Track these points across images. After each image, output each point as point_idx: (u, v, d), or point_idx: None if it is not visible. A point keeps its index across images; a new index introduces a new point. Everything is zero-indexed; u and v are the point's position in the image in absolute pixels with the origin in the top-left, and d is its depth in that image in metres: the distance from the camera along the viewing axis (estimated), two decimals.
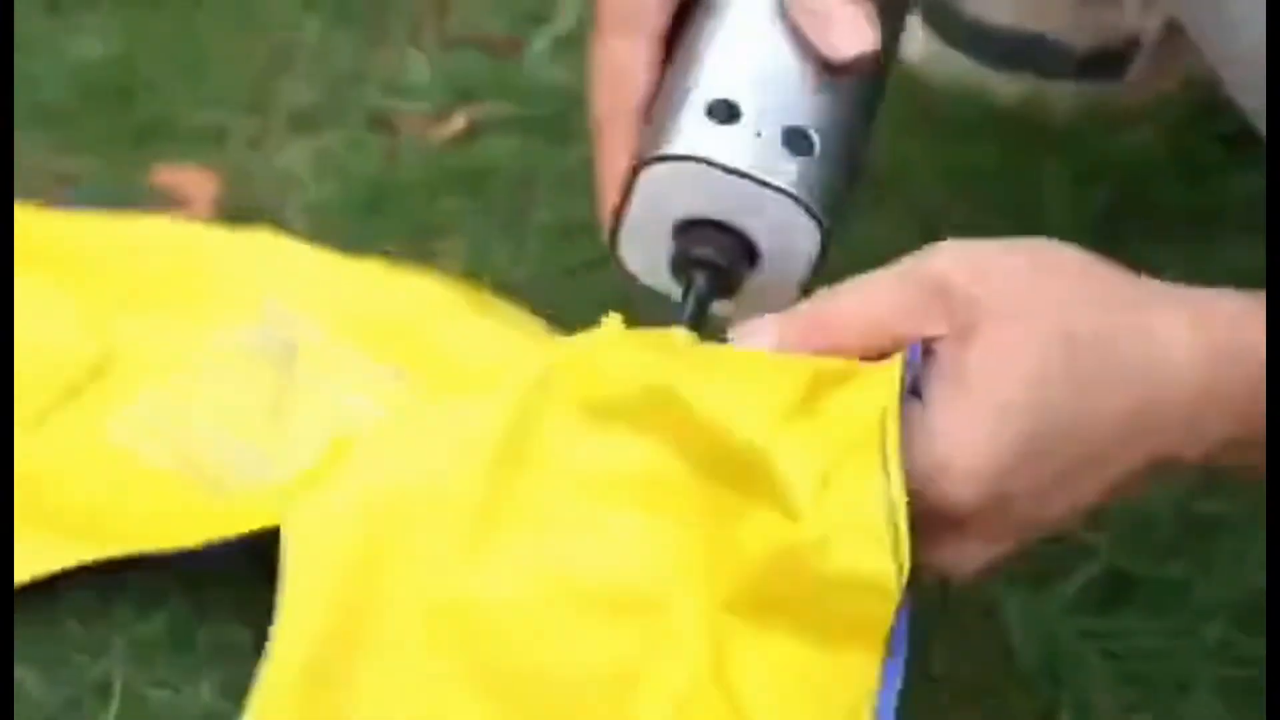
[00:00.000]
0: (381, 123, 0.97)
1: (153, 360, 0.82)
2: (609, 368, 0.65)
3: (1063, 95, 0.95)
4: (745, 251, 0.68)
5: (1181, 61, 0.95)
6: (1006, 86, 0.95)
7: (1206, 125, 0.94)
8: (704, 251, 0.67)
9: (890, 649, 0.61)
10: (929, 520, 0.62)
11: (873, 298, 0.63)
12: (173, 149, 0.94)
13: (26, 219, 0.87)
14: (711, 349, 0.67)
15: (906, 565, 0.60)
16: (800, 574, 0.62)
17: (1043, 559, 0.77)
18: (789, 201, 0.67)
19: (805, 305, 0.64)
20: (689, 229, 0.68)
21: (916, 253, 0.64)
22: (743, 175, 0.66)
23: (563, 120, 0.94)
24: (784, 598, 0.63)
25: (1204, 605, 0.76)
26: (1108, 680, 0.74)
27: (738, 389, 0.64)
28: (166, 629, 0.75)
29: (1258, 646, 0.75)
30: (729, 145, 0.67)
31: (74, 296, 0.84)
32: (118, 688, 0.73)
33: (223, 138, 0.96)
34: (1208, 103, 0.94)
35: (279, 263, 0.86)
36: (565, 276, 0.86)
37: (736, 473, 0.63)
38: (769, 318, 0.64)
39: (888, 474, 0.61)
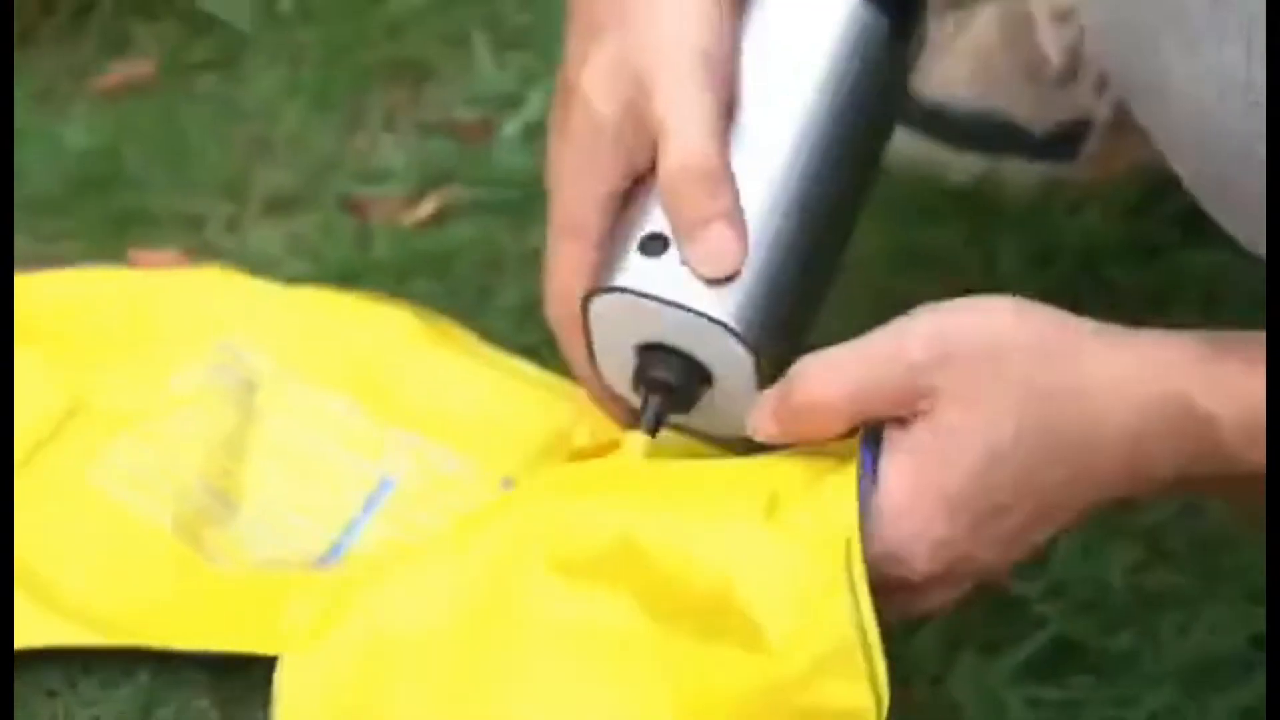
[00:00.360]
0: (354, 207, 0.99)
1: (118, 408, 0.84)
2: (574, 524, 0.68)
3: (1017, 175, 0.97)
4: (696, 371, 0.71)
5: (1134, 142, 0.96)
6: (962, 166, 0.97)
7: (1159, 205, 0.96)
8: (658, 373, 0.71)
9: None
10: (895, 587, 0.66)
11: (853, 389, 0.67)
12: (153, 234, 0.97)
13: None
14: (664, 471, 0.70)
15: (885, 696, 0.63)
16: (778, 709, 0.64)
17: (992, 627, 0.78)
18: (713, 325, 0.70)
19: (795, 396, 0.67)
20: (646, 351, 0.72)
21: (891, 327, 0.67)
22: (665, 302, 0.70)
23: (528, 203, 0.96)
24: None
25: (1151, 674, 0.77)
26: None
27: (695, 525, 0.67)
28: (132, 704, 0.76)
29: (1204, 713, 0.76)
30: (653, 275, 0.70)
31: (41, 358, 0.85)
32: None
33: (200, 223, 0.98)
34: (1160, 183, 0.96)
35: (232, 300, 0.88)
36: (528, 354, 0.88)
37: (703, 616, 0.66)
38: (764, 413, 0.68)
39: (857, 603, 0.63)
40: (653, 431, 0.72)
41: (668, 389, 0.71)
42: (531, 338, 0.88)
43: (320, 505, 0.82)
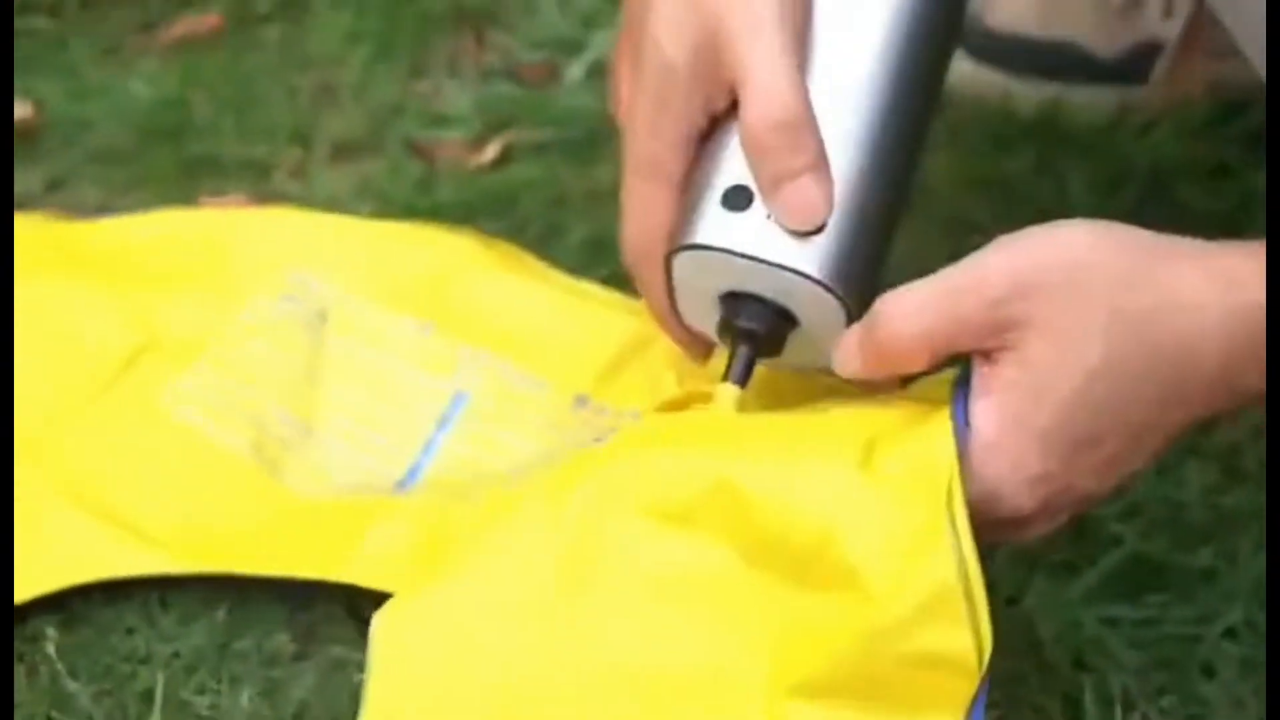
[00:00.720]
0: (419, 151, 0.99)
1: (191, 338, 0.85)
2: (670, 472, 0.68)
3: (1087, 101, 0.96)
4: (783, 315, 0.71)
5: (1203, 63, 0.95)
6: (1029, 94, 0.96)
7: (1229, 126, 0.95)
8: (745, 322, 0.71)
9: (970, 716, 0.63)
10: (994, 524, 0.66)
11: (935, 323, 0.66)
12: (221, 181, 0.97)
13: (62, 231, 0.90)
14: (760, 422, 0.70)
15: (989, 642, 0.62)
16: (878, 655, 0.64)
17: (1068, 547, 0.78)
18: (802, 279, 0.69)
19: (877, 333, 0.67)
20: (731, 299, 0.71)
21: (969, 261, 0.66)
22: (754, 259, 0.69)
23: (593, 141, 0.97)
24: (860, 677, 0.64)
25: (1228, 591, 0.77)
26: (1133, 665, 0.75)
27: (794, 473, 0.66)
28: (209, 639, 0.77)
29: None
30: (740, 232, 0.70)
31: (113, 295, 0.86)
32: (159, 695, 0.75)
33: (268, 170, 0.98)
34: (1229, 104, 0.95)
35: (301, 233, 0.88)
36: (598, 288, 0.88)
37: (801, 563, 0.65)
38: (849, 350, 0.68)
39: (960, 546, 0.63)
40: (742, 382, 0.71)
41: (755, 337, 0.71)
42: (599, 273, 0.88)
43: (396, 423, 0.82)
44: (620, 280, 0.81)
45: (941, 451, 0.65)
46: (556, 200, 0.95)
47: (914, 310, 0.66)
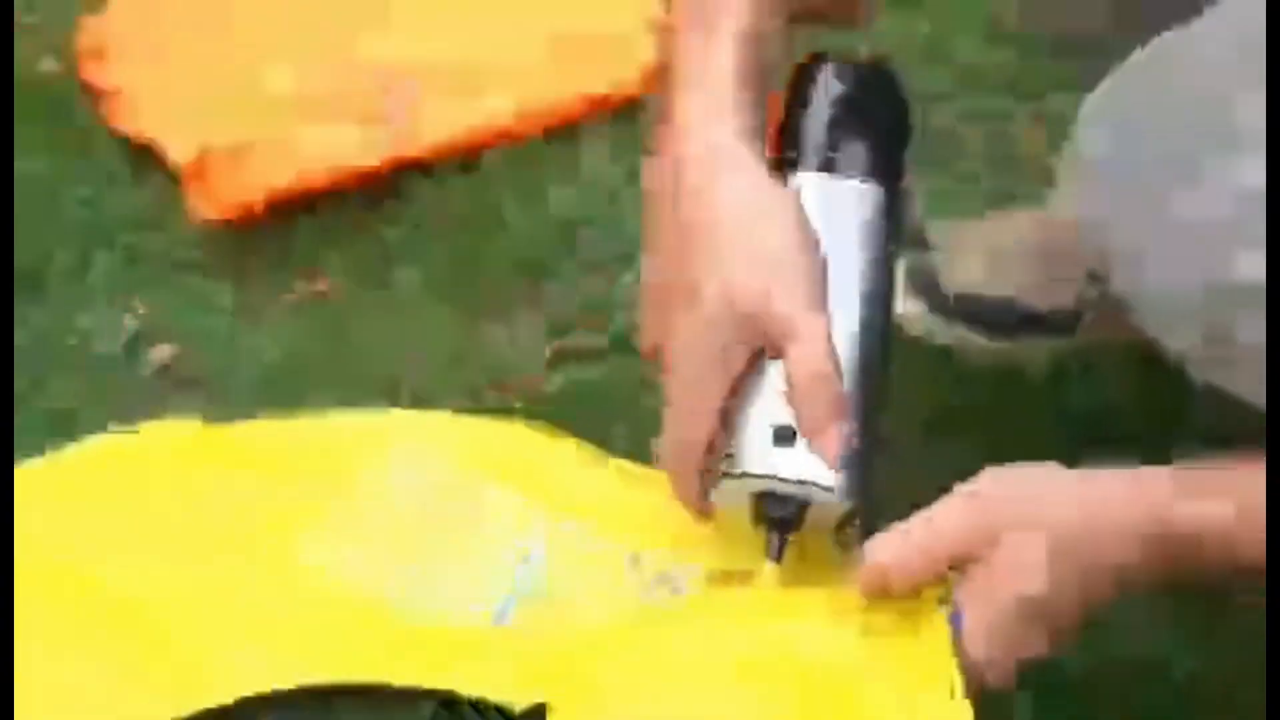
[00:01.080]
0: (491, 390, 1.18)
1: (315, 505, 1.07)
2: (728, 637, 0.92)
3: (1030, 349, 1.15)
4: (803, 505, 0.95)
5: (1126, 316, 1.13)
6: (987, 345, 1.15)
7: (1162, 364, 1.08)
8: (778, 513, 0.95)
9: None
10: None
11: (946, 534, 0.90)
12: None
13: (215, 434, 1.13)
14: (796, 598, 0.94)
15: None
16: None
17: None
18: (826, 491, 0.94)
19: (910, 535, 0.90)
20: (765, 496, 0.95)
21: (964, 498, 0.90)
22: (802, 484, 0.94)
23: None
24: None
25: None
26: None
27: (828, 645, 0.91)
28: None
29: None
30: (788, 463, 0.94)
31: (253, 482, 1.09)
32: None
33: None
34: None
35: (398, 425, 1.12)
36: None
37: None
38: (884, 545, 0.91)
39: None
40: (779, 559, 0.95)
41: (787, 524, 0.95)
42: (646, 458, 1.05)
43: (485, 571, 1.04)
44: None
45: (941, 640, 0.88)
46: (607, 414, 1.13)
47: (939, 524, 0.90)
